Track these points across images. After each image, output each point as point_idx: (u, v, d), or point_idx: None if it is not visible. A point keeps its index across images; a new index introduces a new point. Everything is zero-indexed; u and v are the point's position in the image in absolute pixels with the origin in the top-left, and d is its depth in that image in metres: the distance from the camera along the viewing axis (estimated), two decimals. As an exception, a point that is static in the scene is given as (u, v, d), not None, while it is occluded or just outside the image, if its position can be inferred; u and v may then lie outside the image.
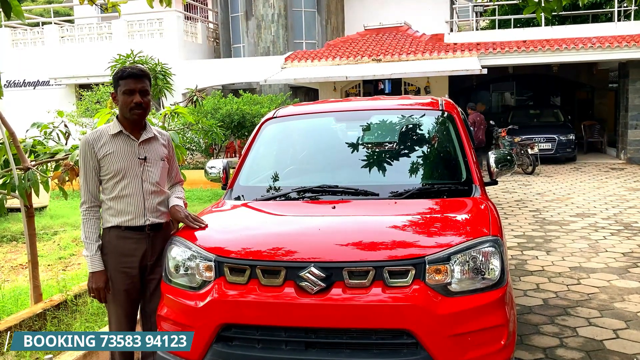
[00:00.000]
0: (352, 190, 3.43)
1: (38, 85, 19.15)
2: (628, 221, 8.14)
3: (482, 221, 2.93)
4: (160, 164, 3.14)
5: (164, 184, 3.18)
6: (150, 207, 3.06)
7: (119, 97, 2.99)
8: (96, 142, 2.99)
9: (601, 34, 15.14)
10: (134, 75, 2.98)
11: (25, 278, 5.44)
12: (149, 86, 3.05)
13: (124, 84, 2.97)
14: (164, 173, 3.18)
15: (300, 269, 2.62)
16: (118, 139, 3.02)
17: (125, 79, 2.96)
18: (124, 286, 3.04)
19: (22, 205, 4.30)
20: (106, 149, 2.98)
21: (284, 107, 4.50)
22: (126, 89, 2.96)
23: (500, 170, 3.77)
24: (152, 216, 3.07)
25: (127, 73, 2.97)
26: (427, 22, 18.56)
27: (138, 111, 2.99)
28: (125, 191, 3.00)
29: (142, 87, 2.99)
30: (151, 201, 3.07)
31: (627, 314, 4.58)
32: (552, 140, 15.41)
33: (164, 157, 3.17)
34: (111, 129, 3.04)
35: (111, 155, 2.98)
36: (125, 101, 2.97)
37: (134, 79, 2.97)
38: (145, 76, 3.04)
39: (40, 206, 9.70)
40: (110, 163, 2.98)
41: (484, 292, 2.63)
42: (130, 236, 3.02)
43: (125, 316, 3.08)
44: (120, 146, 3.01)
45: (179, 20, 18.28)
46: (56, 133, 4.75)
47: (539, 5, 5.07)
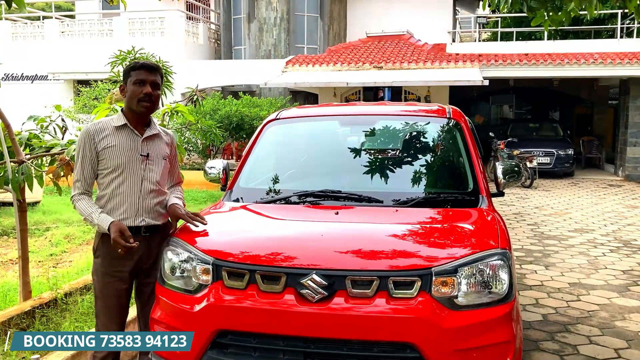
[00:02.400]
0: (356, 197, 3.34)
1: (36, 80, 18.99)
2: (627, 238, 8.08)
3: (490, 233, 2.84)
4: (162, 163, 3.02)
5: (164, 184, 3.07)
6: (148, 207, 2.93)
7: (128, 88, 2.88)
8: (98, 134, 2.86)
9: (603, 50, 15.16)
10: (146, 67, 2.90)
11: (15, 274, 5.32)
12: (160, 81, 2.97)
13: (135, 75, 2.87)
14: (165, 172, 3.06)
15: (302, 276, 2.53)
16: (121, 132, 2.90)
17: (138, 70, 2.88)
18: (115, 292, 2.90)
19: (14, 199, 4.20)
20: (108, 142, 2.86)
21: (287, 108, 4.42)
22: (137, 79, 2.86)
23: (507, 181, 3.70)
24: (149, 217, 2.94)
25: (140, 64, 2.89)
26: (429, 32, 18.54)
27: (146, 103, 2.88)
28: (122, 188, 2.87)
29: (153, 79, 2.90)
30: (149, 201, 2.94)
31: (629, 333, 4.50)
32: (551, 154, 15.38)
33: (166, 156, 3.06)
34: (115, 121, 2.92)
35: (112, 149, 2.85)
36: (135, 91, 2.85)
37: (146, 70, 2.89)
38: (158, 71, 2.96)
39: (34, 201, 9.56)
40: (110, 157, 2.85)
41: (491, 307, 2.55)
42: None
43: (114, 323, 2.93)
44: (123, 140, 2.88)
45: (181, 19, 18.21)
46: (53, 127, 4.65)
47: (547, 17, 5.03)
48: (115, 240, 2.73)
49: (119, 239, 2.73)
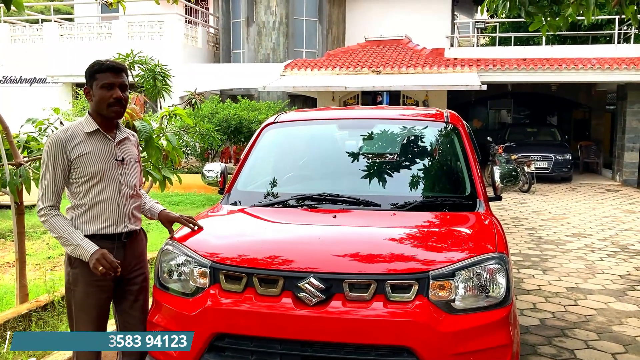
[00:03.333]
0: (354, 200, 3.34)
1: (34, 83, 18.97)
2: (624, 243, 8.09)
3: (487, 237, 2.85)
4: (136, 166, 2.95)
5: (138, 187, 3.00)
6: (128, 213, 2.84)
7: (95, 92, 2.72)
8: (69, 141, 2.69)
9: (601, 55, 15.20)
10: (113, 68, 2.74)
11: (12, 277, 5.31)
12: (127, 81, 2.84)
13: (102, 78, 2.71)
14: (138, 176, 2.99)
15: (299, 279, 2.53)
16: (94, 138, 2.75)
17: (104, 72, 2.72)
18: (97, 301, 2.78)
19: (12, 202, 4.19)
20: (81, 149, 2.70)
21: (286, 112, 4.42)
22: (105, 83, 2.71)
23: (505, 185, 3.70)
24: (130, 222, 2.85)
25: (105, 66, 2.72)
26: (427, 36, 18.57)
27: (117, 107, 2.74)
28: (102, 196, 2.75)
29: (121, 81, 2.75)
30: (129, 206, 2.85)
31: (626, 337, 4.50)
32: (548, 159, 15.40)
33: (137, 158, 2.99)
34: (85, 126, 2.76)
35: (87, 156, 2.71)
36: (104, 96, 2.71)
37: (113, 73, 2.73)
38: (124, 71, 2.82)
39: (31, 204, 9.50)
40: (85, 164, 2.71)
41: (488, 311, 2.55)
42: (106, 246, 2.73)
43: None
44: (96, 146, 2.74)
45: (180, 23, 18.22)
46: (51, 130, 4.64)
47: (545, 22, 5.05)
48: (102, 264, 2.62)
49: (106, 265, 2.63)
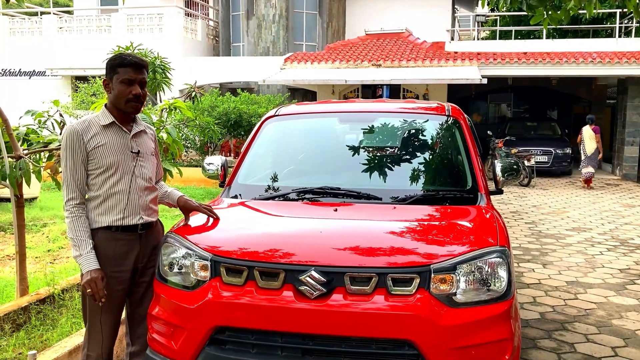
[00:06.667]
0: (355, 194, 3.33)
1: (34, 75, 18.94)
2: (624, 237, 8.10)
3: (488, 230, 2.84)
4: (152, 159, 2.97)
5: (154, 180, 3.01)
6: (144, 205, 2.87)
7: (115, 86, 2.74)
8: (86, 133, 2.72)
9: (602, 49, 15.18)
10: (135, 64, 2.74)
11: (12, 270, 5.31)
12: (147, 77, 2.86)
13: (123, 72, 2.72)
14: (154, 168, 3.00)
15: (300, 272, 2.52)
16: (110, 130, 2.78)
17: (126, 67, 2.73)
18: (115, 292, 2.81)
19: (12, 195, 4.18)
20: (97, 141, 2.73)
21: (286, 105, 4.40)
22: (125, 78, 2.72)
23: (506, 179, 3.69)
24: (145, 214, 2.88)
25: (127, 61, 2.73)
26: (428, 30, 18.54)
27: (135, 104, 2.77)
28: (117, 187, 2.77)
29: (142, 78, 2.78)
30: (144, 198, 2.88)
31: (626, 331, 4.51)
32: (548, 153, 15.41)
33: (153, 151, 3.00)
34: (101, 119, 2.78)
35: (103, 148, 2.73)
36: (123, 92, 2.73)
37: (134, 69, 2.74)
38: (145, 67, 2.84)
39: (31, 197, 9.54)
40: (101, 156, 2.73)
41: (490, 304, 2.54)
42: (122, 237, 2.79)
43: (115, 323, 2.88)
44: (112, 138, 2.77)
45: (179, 16, 18.17)
46: (51, 122, 4.62)
47: (547, 15, 5.03)
48: (92, 287, 2.64)
49: (95, 290, 2.65)
